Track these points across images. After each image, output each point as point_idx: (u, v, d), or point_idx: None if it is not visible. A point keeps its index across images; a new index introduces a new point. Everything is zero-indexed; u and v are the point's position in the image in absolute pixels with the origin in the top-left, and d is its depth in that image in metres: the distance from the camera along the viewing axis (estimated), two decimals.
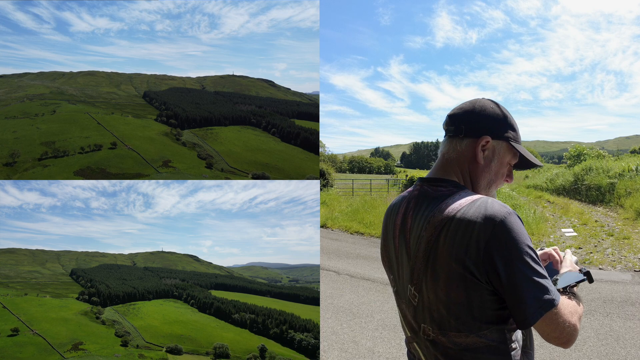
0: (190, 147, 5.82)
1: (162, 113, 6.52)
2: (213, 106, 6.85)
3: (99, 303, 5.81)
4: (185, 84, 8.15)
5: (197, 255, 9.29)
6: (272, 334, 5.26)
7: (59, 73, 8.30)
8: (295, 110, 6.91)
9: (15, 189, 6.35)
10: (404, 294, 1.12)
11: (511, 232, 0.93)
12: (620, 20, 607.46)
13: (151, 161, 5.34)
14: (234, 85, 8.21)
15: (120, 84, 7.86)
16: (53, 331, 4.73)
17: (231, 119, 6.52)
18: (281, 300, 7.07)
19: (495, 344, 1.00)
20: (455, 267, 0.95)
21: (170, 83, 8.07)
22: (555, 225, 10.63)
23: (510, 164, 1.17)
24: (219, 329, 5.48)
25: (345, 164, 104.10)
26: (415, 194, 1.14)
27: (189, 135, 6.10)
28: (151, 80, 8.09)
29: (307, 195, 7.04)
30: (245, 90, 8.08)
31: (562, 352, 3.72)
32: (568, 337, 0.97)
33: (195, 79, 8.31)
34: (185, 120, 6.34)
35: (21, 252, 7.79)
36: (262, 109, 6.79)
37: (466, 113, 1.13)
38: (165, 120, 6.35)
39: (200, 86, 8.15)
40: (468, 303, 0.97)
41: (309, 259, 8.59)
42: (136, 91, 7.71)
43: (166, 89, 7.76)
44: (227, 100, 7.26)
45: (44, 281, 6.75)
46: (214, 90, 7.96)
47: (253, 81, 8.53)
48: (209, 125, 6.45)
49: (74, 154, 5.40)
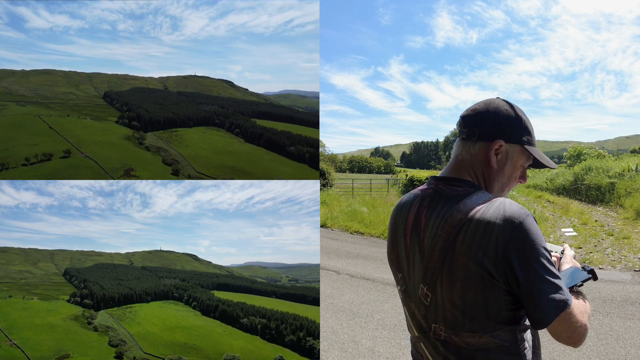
0: (155, 151, 5.38)
1: (123, 114, 6.12)
2: (177, 107, 6.61)
3: (92, 306, 5.31)
4: (147, 84, 7.85)
5: (195, 255, 9.22)
6: (288, 341, 4.67)
7: (9, 71, 7.48)
8: (255, 110, 6.82)
9: (12, 188, 6.29)
10: (414, 293, 1.11)
11: (529, 233, 0.94)
12: (620, 20, 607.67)
13: (111, 170, 4.85)
14: (196, 86, 8.02)
15: (79, 84, 7.35)
16: (35, 340, 4.12)
17: (195, 120, 6.30)
18: (287, 301, 6.70)
19: (507, 344, 1.00)
20: (474, 267, 0.95)
21: (133, 83, 7.71)
22: (555, 225, 10.63)
23: (524, 166, 1.16)
24: (227, 336, 4.96)
25: (345, 163, 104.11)
26: (430, 192, 1.12)
27: (152, 139, 5.68)
28: (112, 80, 7.68)
29: (303, 195, 6.98)
30: (207, 90, 7.89)
31: (562, 351, 3.71)
32: (579, 337, 0.98)
33: (157, 79, 8.08)
34: (148, 122, 5.96)
35: (13, 251, 7.34)
36: (225, 109, 6.63)
37: (479, 115, 1.12)
38: (127, 123, 5.93)
39: (163, 86, 7.91)
40: (484, 303, 0.97)
41: (307, 258, 8.57)
42: (96, 91, 7.24)
43: (128, 89, 7.37)
44: (191, 101, 7.05)
45: (34, 282, 6.28)
46: (177, 91, 7.72)
47: (214, 81, 8.31)
48: (173, 127, 6.11)
49: (16, 167, 4.59)
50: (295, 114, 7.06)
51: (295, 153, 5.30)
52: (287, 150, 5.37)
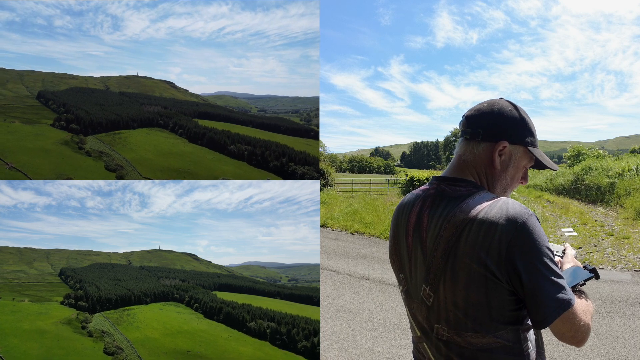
0: (97, 156, 4.92)
1: (60, 117, 5.55)
2: (119, 107, 6.28)
3: (87, 308, 4.98)
4: (87, 83, 7.29)
5: (194, 254, 9.17)
6: (301, 348, 4.25)
7: None
8: (196, 111, 6.70)
9: (10, 188, 6.24)
10: (417, 293, 1.11)
11: (532, 233, 0.94)
12: (620, 21, 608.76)
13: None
14: (138, 86, 7.71)
15: (7, 82, 6.57)
16: (21, 349, 3.71)
17: (139, 121, 5.99)
18: (294, 302, 6.38)
19: (510, 344, 1.00)
20: (476, 268, 0.95)
21: (71, 82, 7.08)
22: (555, 224, 10.62)
23: (526, 167, 1.16)
24: (234, 342, 4.58)
25: (345, 163, 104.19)
26: (432, 193, 1.12)
27: (93, 142, 5.22)
28: (47, 78, 7.00)
29: (301, 196, 6.96)
30: (150, 91, 7.61)
31: (562, 351, 3.71)
32: (582, 336, 0.98)
33: (98, 79, 7.62)
34: (89, 124, 5.52)
35: (7, 251, 6.97)
36: (168, 109, 6.44)
37: (484, 115, 1.11)
38: (64, 126, 5.38)
39: (104, 86, 7.47)
40: (487, 304, 0.97)
41: (305, 258, 8.55)
42: (28, 91, 6.57)
43: (66, 89, 6.78)
44: (134, 101, 6.74)
45: (27, 282, 5.95)
46: (119, 91, 7.36)
47: (156, 82, 8.02)
48: (116, 129, 5.70)
49: None
50: (231, 114, 7.13)
51: (235, 151, 5.31)
52: (228, 149, 5.38)
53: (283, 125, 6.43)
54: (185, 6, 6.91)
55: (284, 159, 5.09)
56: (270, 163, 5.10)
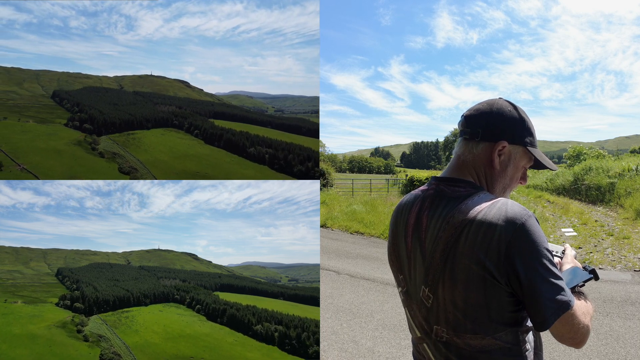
0: (110, 158, 4.79)
1: (74, 116, 5.45)
2: (133, 107, 6.18)
3: (83, 310, 4.69)
4: (102, 83, 7.31)
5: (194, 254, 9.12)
6: (312, 353, 3.96)
7: None
8: (212, 110, 6.57)
9: (8, 187, 6.21)
10: (416, 294, 1.10)
11: (531, 234, 0.94)
12: (620, 21, 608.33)
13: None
14: (152, 86, 7.66)
15: (23, 82, 6.61)
16: (9, 357, 3.44)
17: (153, 121, 5.85)
18: (298, 304, 6.17)
19: (509, 345, 1.00)
20: (475, 269, 0.95)
21: (85, 82, 7.11)
22: (555, 225, 10.62)
23: (526, 168, 1.16)
24: (239, 347, 4.28)
25: (345, 163, 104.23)
26: (431, 193, 1.12)
27: (107, 143, 5.11)
28: (62, 78, 7.02)
29: (300, 196, 6.95)
30: (164, 90, 7.55)
31: (562, 351, 3.70)
32: (582, 338, 0.98)
33: (112, 78, 7.62)
34: (102, 124, 5.41)
35: (3, 250, 6.81)
36: (182, 109, 6.33)
37: (483, 115, 1.11)
38: (78, 125, 5.30)
39: (118, 86, 7.44)
40: (486, 305, 0.97)
41: (304, 258, 8.55)
42: (43, 90, 6.59)
43: (80, 88, 6.78)
44: (148, 101, 6.64)
45: (22, 282, 5.77)
46: (133, 90, 7.32)
47: (170, 82, 7.95)
48: (130, 129, 5.58)
49: None
50: (248, 114, 6.98)
51: (255, 154, 5.04)
52: (247, 152, 5.10)
53: (305, 127, 6.10)
54: (199, 5, 6.88)
55: (309, 163, 4.71)
56: (294, 167, 4.72)
